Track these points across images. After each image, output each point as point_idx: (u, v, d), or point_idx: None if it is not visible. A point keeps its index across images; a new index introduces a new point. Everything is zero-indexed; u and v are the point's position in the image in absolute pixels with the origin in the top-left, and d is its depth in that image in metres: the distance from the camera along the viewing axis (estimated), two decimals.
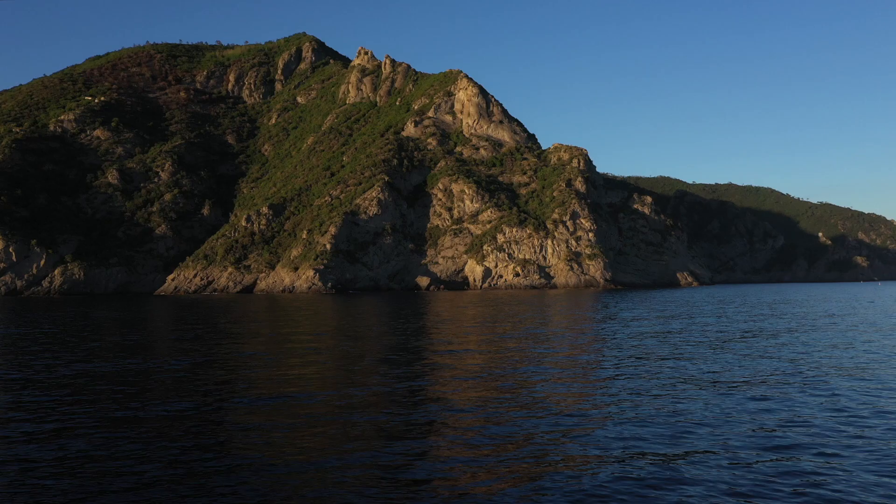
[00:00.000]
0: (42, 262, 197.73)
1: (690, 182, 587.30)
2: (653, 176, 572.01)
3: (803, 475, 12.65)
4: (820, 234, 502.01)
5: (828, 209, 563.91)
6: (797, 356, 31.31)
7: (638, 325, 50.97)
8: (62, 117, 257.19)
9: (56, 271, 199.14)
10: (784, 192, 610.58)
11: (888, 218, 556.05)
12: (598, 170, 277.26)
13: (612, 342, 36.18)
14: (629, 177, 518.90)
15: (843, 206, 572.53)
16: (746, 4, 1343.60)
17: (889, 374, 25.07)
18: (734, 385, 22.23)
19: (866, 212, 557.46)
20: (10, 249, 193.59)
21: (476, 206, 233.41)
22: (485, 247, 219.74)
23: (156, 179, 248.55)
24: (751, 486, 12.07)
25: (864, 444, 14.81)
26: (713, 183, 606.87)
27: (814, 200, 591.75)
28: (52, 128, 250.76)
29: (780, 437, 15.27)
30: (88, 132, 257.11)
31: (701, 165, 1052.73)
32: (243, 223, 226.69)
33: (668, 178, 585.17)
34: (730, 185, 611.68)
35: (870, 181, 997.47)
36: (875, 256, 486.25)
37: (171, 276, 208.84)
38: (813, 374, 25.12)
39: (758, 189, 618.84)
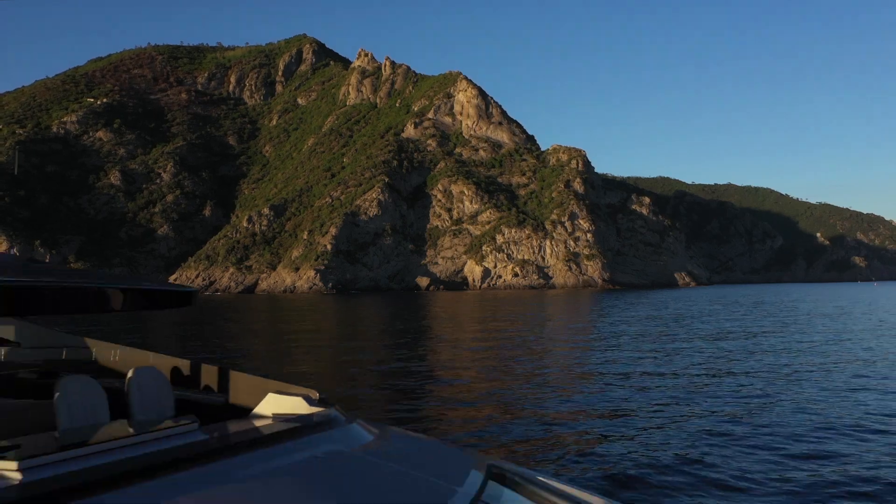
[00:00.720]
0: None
1: (690, 182, 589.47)
2: (652, 176, 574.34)
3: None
4: (818, 235, 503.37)
5: (827, 209, 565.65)
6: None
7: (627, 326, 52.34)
8: (65, 119, 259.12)
9: None
10: (783, 193, 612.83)
11: (887, 218, 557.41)
12: (597, 170, 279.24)
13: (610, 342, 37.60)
14: (629, 177, 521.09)
15: (842, 206, 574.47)
16: (745, 4, 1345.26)
17: None
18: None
19: (865, 212, 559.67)
20: (14, 250, 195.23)
21: (475, 206, 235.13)
22: (484, 247, 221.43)
23: (157, 180, 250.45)
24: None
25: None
26: (712, 183, 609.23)
27: (813, 201, 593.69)
28: (54, 129, 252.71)
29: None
30: (91, 133, 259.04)
31: (700, 166, 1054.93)
32: (244, 224, 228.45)
33: (668, 178, 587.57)
34: (729, 186, 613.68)
35: (869, 182, 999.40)
36: (874, 257, 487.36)
37: (172, 277, 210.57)
38: None
39: (757, 189, 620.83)
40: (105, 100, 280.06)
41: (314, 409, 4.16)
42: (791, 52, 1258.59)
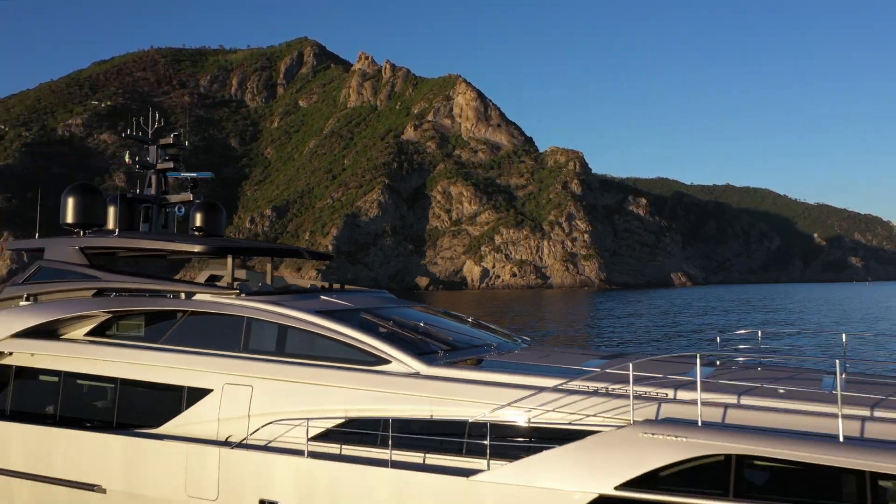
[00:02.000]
0: None
1: (689, 183, 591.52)
2: (651, 177, 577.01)
3: None
4: (816, 235, 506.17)
5: (825, 210, 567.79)
6: None
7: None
8: (70, 121, 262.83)
9: None
10: (781, 194, 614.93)
11: (884, 219, 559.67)
12: (597, 171, 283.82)
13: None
14: (628, 178, 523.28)
15: (839, 207, 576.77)
16: (744, 6, 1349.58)
17: None
18: None
19: (863, 213, 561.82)
20: (22, 251, 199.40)
21: (474, 207, 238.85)
22: (483, 247, 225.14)
23: None
24: None
25: None
26: (711, 184, 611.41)
27: (811, 202, 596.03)
28: (59, 132, 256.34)
29: None
30: (95, 136, 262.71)
31: (699, 167, 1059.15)
32: (247, 225, 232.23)
33: (667, 179, 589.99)
34: (728, 187, 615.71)
35: (866, 183, 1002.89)
36: (871, 257, 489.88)
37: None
38: None
39: (755, 190, 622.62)
40: (109, 103, 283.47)
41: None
42: (790, 53, 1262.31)
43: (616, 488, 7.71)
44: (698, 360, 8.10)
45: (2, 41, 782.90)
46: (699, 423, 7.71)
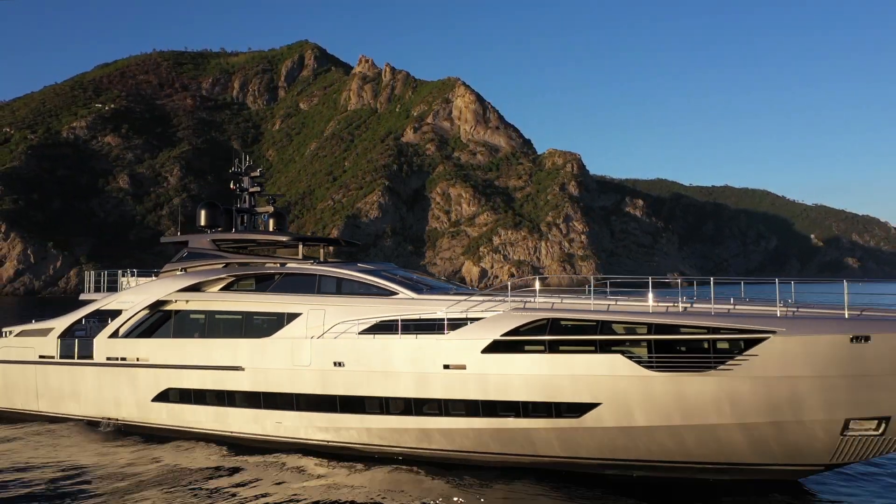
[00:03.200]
0: (58, 264, 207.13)
1: (687, 184, 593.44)
2: (650, 178, 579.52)
3: None
4: (812, 236, 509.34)
5: (822, 211, 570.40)
6: None
7: None
8: (74, 124, 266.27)
9: (72, 272, 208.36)
10: (780, 195, 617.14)
11: (882, 220, 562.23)
12: (596, 172, 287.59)
13: None
14: (627, 179, 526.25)
15: (837, 208, 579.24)
16: (743, 6, 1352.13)
17: None
18: None
19: (861, 214, 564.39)
20: (28, 251, 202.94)
21: (473, 209, 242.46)
22: (481, 248, 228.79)
23: (164, 184, 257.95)
24: None
25: None
26: (710, 185, 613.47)
27: (809, 203, 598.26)
28: (64, 134, 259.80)
29: None
30: (99, 138, 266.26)
31: (698, 168, 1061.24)
32: None
33: (665, 180, 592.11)
34: (726, 188, 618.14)
35: (864, 183, 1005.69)
36: (868, 258, 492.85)
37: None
38: None
39: (754, 191, 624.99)
40: (113, 106, 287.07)
41: None
42: (790, 54, 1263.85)
43: (501, 335, 16.96)
44: (536, 284, 19.05)
45: (5, 44, 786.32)
46: (535, 306, 17.47)
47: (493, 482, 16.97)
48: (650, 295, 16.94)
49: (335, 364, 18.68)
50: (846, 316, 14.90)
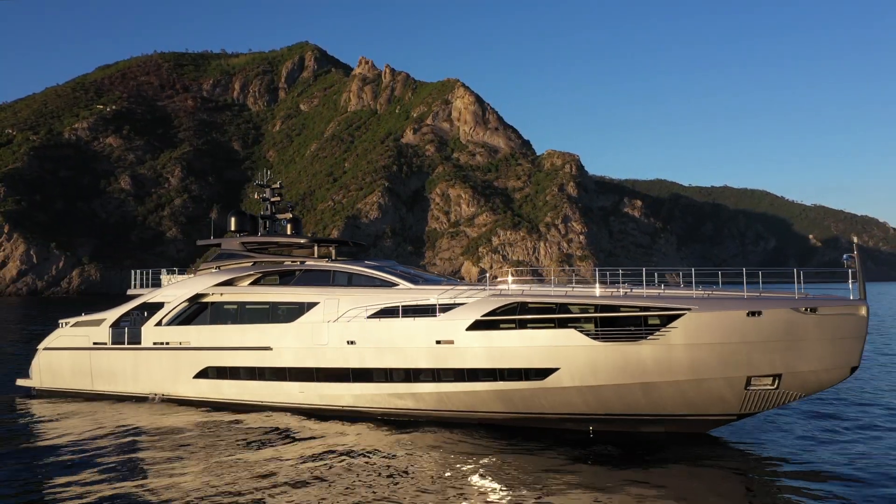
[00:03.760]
0: (61, 264, 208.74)
1: (687, 185, 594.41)
2: (649, 179, 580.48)
3: None
4: (810, 236, 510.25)
5: (821, 211, 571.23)
6: None
7: None
8: (76, 125, 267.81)
9: (74, 273, 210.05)
10: (779, 195, 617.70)
11: (881, 220, 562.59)
12: (595, 173, 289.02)
13: None
14: (626, 179, 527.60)
15: (836, 208, 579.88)
16: (742, 7, 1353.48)
17: None
18: None
19: (859, 214, 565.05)
20: (31, 252, 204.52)
21: (472, 209, 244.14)
22: (480, 249, 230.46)
23: (166, 185, 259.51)
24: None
25: None
26: (709, 186, 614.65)
27: (808, 203, 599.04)
28: (66, 135, 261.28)
29: None
30: (101, 140, 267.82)
31: (697, 168, 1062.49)
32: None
33: (665, 180, 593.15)
34: (725, 188, 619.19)
35: (863, 184, 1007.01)
36: (867, 258, 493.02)
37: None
38: None
39: (753, 192, 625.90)
40: (114, 107, 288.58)
41: None
42: (790, 55, 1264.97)
43: (481, 316, 20.64)
44: (510, 275, 23.47)
45: (6, 45, 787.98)
46: (508, 293, 21.44)
47: (481, 436, 20.78)
48: (597, 282, 21.16)
49: (348, 343, 22.50)
50: (745, 297, 19.28)
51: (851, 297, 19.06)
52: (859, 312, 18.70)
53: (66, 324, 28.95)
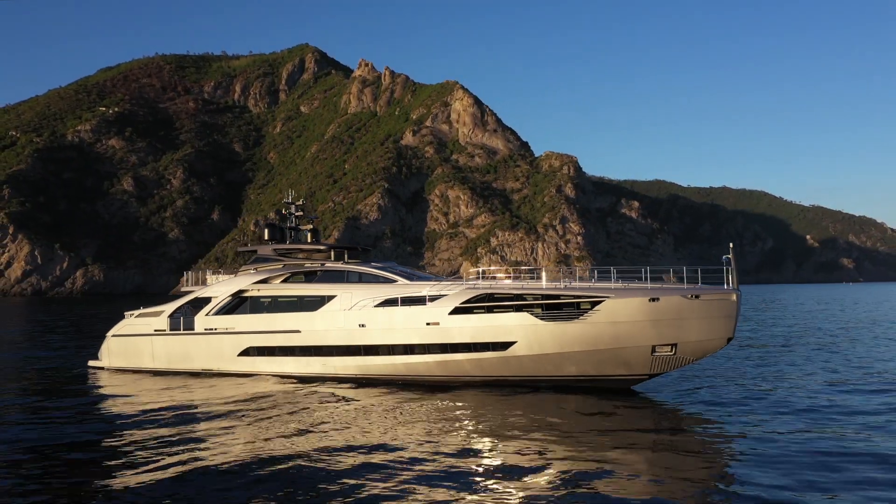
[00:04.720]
0: (65, 265, 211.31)
1: (685, 185, 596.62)
2: (648, 179, 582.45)
3: None
4: (808, 237, 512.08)
5: (819, 212, 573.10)
6: None
7: None
8: (79, 127, 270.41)
9: (78, 273, 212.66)
10: (777, 196, 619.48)
11: (879, 221, 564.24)
12: (594, 174, 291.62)
13: None
14: (625, 180, 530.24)
15: (834, 209, 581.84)
16: (740, 7, 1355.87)
17: None
18: None
19: (857, 214, 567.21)
20: (36, 252, 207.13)
21: (471, 211, 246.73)
22: (479, 249, 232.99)
23: (168, 186, 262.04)
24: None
25: None
26: (707, 186, 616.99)
27: (806, 203, 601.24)
28: (69, 137, 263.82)
29: None
30: (104, 142, 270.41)
31: (696, 169, 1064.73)
32: (251, 228, 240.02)
33: (663, 181, 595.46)
34: (724, 189, 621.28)
35: (861, 184, 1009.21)
36: (864, 258, 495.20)
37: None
38: None
39: (751, 192, 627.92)
40: (117, 109, 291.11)
41: None
42: (788, 55, 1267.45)
43: (460, 304, 26.84)
44: (481, 272, 31.25)
45: (9, 47, 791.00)
46: (480, 286, 27.31)
47: (466, 397, 25.97)
48: (544, 277, 27.88)
49: (360, 325, 28.58)
50: (649, 287, 25.08)
51: (725, 287, 25.12)
52: (731, 298, 24.94)
53: (131, 315, 35.41)
